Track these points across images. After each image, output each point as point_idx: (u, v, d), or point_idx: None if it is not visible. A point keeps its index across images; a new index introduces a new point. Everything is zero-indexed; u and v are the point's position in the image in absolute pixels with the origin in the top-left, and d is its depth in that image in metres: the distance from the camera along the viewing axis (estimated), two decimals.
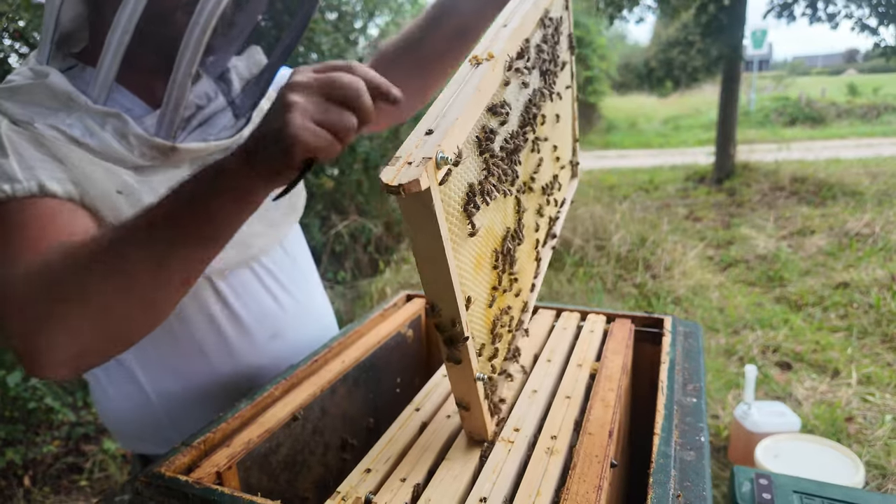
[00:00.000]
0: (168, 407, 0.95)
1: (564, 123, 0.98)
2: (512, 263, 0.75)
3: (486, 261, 0.69)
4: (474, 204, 0.61)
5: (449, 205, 0.57)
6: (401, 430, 0.76)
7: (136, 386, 0.93)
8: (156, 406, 0.94)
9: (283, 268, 1.02)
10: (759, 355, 3.24)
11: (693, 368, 0.93)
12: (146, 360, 0.93)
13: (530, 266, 0.87)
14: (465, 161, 0.59)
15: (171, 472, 0.69)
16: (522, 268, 0.82)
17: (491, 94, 0.65)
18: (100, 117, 0.79)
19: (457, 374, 0.66)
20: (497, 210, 0.70)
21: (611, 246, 4.64)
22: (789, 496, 1.06)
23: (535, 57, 0.79)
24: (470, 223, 0.61)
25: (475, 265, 0.66)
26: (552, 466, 0.67)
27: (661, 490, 0.63)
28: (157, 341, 0.89)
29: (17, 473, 2.34)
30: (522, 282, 0.82)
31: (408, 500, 0.63)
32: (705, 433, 0.77)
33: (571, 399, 0.82)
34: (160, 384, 0.94)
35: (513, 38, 0.71)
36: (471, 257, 0.64)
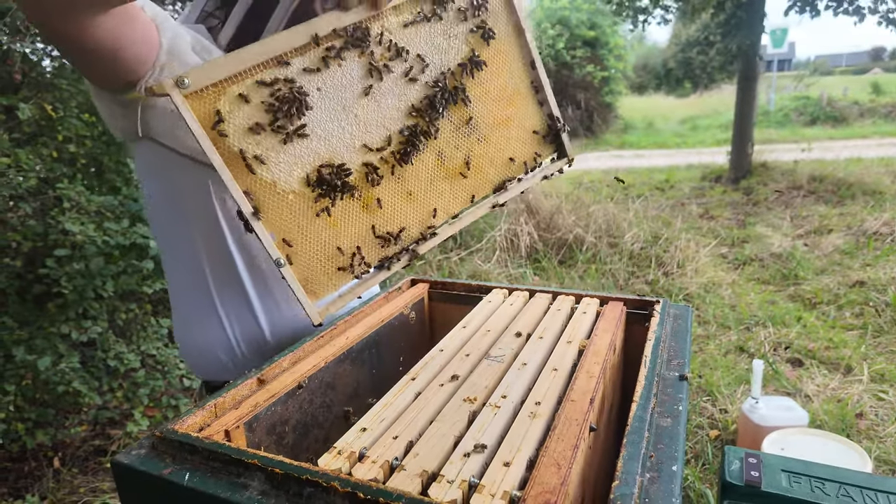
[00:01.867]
0: (243, 341, 1.09)
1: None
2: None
3: None
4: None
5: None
6: (396, 397, 0.82)
7: (217, 319, 1.07)
8: (232, 340, 1.08)
9: None
10: (770, 352, 3.24)
11: (679, 346, 0.97)
12: (224, 293, 1.07)
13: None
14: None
15: (184, 429, 0.75)
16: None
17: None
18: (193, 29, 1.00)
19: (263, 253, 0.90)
20: None
21: (623, 243, 4.66)
22: (777, 474, 1.09)
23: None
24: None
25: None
26: (534, 428, 0.72)
27: (633, 449, 0.68)
28: (232, 272, 1.06)
29: (47, 455, 2.45)
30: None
31: (398, 455, 0.68)
32: (684, 403, 0.81)
33: (558, 371, 0.86)
34: (237, 318, 1.08)
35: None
36: None
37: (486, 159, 1.02)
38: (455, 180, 1.00)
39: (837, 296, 3.91)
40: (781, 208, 6.18)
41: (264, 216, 0.82)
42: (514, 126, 1.04)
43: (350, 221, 0.90)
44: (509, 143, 1.04)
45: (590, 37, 14.17)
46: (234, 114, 0.80)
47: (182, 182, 1.02)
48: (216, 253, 1.05)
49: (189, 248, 1.05)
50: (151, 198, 1.07)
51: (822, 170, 7.09)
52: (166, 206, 1.05)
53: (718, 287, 4.15)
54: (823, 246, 4.84)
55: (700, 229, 5.56)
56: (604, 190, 5.82)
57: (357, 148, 0.89)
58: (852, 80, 20.23)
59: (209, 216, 1.03)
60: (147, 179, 1.07)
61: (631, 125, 15.37)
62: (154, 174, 1.04)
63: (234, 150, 0.80)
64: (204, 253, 1.05)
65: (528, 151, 1.07)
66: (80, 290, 2.34)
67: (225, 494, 0.65)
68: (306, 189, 0.85)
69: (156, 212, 1.08)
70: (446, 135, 0.97)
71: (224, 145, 0.79)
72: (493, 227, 5.04)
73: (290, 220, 0.85)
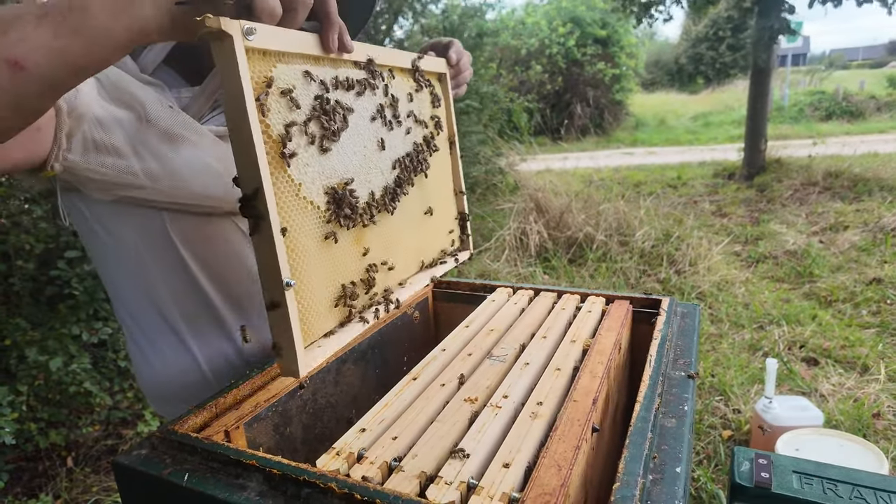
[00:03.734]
0: (214, 368, 1.02)
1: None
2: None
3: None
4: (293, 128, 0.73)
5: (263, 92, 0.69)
6: (397, 397, 0.81)
7: (184, 350, 1.00)
8: (203, 369, 1.01)
9: None
10: (784, 351, 3.19)
11: (686, 345, 0.95)
12: (194, 324, 1.00)
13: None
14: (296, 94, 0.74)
15: (184, 430, 0.75)
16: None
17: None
18: (144, 84, 0.88)
19: (265, 264, 0.68)
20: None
21: (634, 241, 4.61)
22: (788, 475, 1.07)
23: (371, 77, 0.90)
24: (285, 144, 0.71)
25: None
26: (535, 428, 0.71)
27: (635, 450, 0.66)
28: (204, 304, 0.98)
29: (60, 454, 2.48)
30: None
31: (397, 455, 0.68)
32: (690, 403, 0.79)
33: (561, 371, 0.85)
34: (207, 347, 1.01)
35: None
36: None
37: (433, 230, 1.12)
38: (413, 244, 1.04)
39: (853, 293, 3.84)
40: (796, 205, 6.09)
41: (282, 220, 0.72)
42: (449, 207, 1.20)
43: (349, 255, 0.85)
44: (446, 220, 1.18)
45: (601, 35, 14.08)
46: (284, 95, 0.72)
47: (130, 231, 0.93)
48: (182, 291, 0.97)
49: (150, 290, 0.97)
50: (100, 249, 0.97)
51: (838, 165, 6.98)
52: (115, 256, 0.96)
53: (731, 285, 4.10)
54: (839, 243, 4.76)
55: (713, 227, 5.49)
56: (614, 188, 5.77)
57: (361, 181, 0.88)
58: (869, 74, 19.90)
59: (172, 261, 0.95)
60: (89, 238, 0.97)
61: (642, 122, 15.25)
62: (92, 229, 0.94)
63: (275, 132, 0.70)
64: (168, 294, 0.97)
65: (453, 235, 1.23)
66: (91, 292, 2.37)
67: (223, 495, 0.64)
68: (322, 204, 0.78)
69: (104, 262, 0.99)
70: (412, 198, 1.03)
71: (265, 123, 0.68)
72: (502, 225, 5.03)
73: (299, 234, 0.74)
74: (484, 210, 5.60)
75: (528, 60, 13.14)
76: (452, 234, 1.22)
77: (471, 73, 1.22)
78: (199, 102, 0.92)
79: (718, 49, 20.81)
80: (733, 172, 7.85)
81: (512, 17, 14.34)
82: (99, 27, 0.58)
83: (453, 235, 1.23)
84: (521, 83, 12.14)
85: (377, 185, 0.91)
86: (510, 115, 7.24)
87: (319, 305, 0.78)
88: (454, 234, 1.23)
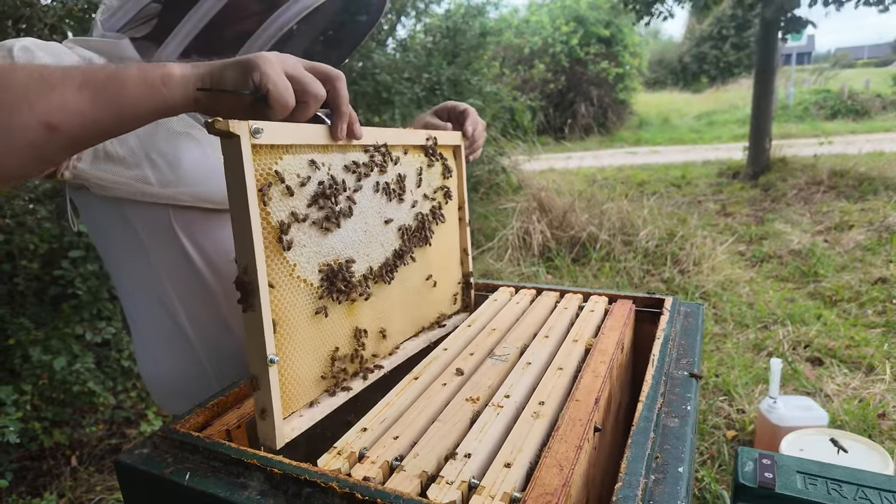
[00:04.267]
0: (214, 361, 1.02)
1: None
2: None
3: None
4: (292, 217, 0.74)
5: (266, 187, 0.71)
6: (398, 396, 0.81)
7: (185, 342, 1.01)
8: (203, 362, 1.02)
9: None
10: (789, 351, 3.17)
11: (689, 344, 0.95)
12: (196, 317, 1.00)
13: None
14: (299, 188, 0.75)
15: (186, 429, 0.75)
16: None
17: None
18: None
19: (251, 338, 0.70)
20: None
21: (638, 241, 4.60)
22: (792, 476, 1.06)
23: (377, 162, 0.91)
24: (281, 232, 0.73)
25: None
26: (537, 428, 0.71)
27: (638, 450, 0.66)
28: (207, 297, 0.98)
29: (64, 454, 2.49)
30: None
31: (398, 455, 0.67)
32: (692, 403, 0.79)
33: (563, 370, 0.85)
34: (208, 340, 1.01)
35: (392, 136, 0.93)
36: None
37: (434, 295, 1.10)
38: (410, 309, 1.03)
39: (859, 293, 3.82)
40: (801, 204, 6.06)
41: (272, 299, 0.73)
42: (452, 271, 1.17)
43: (339, 327, 0.85)
44: (448, 285, 1.15)
45: (604, 34, 14.05)
46: (285, 183, 0.74)
47: (136, 225, 0.94)
48: (186, 286, 0.98)
49: (155, 284, 0.98)
50: (105, 242, 0.99)
51: (843, 164, 6.94)
52: (120, 249, 0.98)
53: (736, 285, 4.08)
54: (844, 242, 4.73)
55: (717, 226, 5.47)
56: (618, 187, 5.75)
57: (360, 256, 0.88)
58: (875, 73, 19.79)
59: (176, 254, 0.96)
60: (96, 233, 1.00)
61: (646, 121, 15.20)
62: (98, 223, 0.97)
63: (275, 220, 0.72)
64: (172, 288, 0.98)
65: (456, 297, 1.19)
66: (94, 292, 2.38)
67: (224, 494, 0.64)
68: (316, 281, 0.79)
69: (109, 255, 1.00)
70: (412, 266, 1.02)
71: (265, 211, 0.71)
72: (505, 225, 5.02)
73: (289, 311, 0.75)
74: (487, 209, 5.60)
75: (532, 59, 13.12)
76: (454, 297, 1.18)
77: (484, 139, 1.22)
78: None
79: (722, 48, 20.74)
80: (737, 171, 7.82)
81: (515, 15, 14.32)
82: (132, 103, 0.63)
83: (455, 297, 1.19)
84: (525, 82, 12.12)
85: (376, 259, 0.91)
86: (513, 115, 7.23)
87: (304, 378, 0.78)
88: (457, 296, 1.19)
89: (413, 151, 1.00)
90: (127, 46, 0.88)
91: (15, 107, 0.58)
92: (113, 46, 0.87)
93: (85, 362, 2.31)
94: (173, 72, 0.65)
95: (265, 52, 0.68)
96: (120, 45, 0.88)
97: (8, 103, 0.58)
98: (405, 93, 4.66)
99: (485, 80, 6.15)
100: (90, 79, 0.61)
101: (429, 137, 1.04)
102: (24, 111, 0.58)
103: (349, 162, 0.84)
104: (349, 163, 0.84)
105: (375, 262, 0.91)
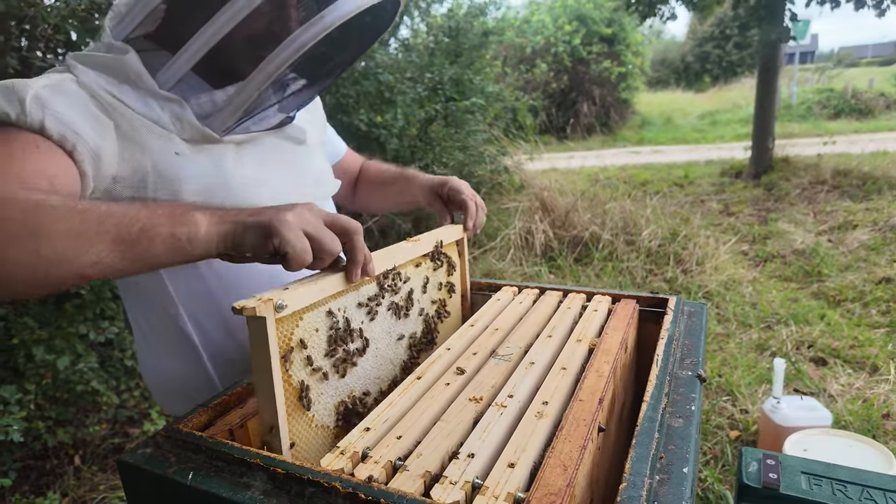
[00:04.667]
0: (216, 363, 1.02)
1: None
2: None
3: None
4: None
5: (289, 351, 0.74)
6: (401, 396, 0.81)
7: (187, 344, 1.01)
8: (205, 363, 1.02)
9: None
10: (792, 351, 3.16)
11: (693, 344, 0.94)
12: (198, 319, 1.00)
13: None
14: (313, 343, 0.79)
15: (189, 428, 0.75)
16: None
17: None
18: (162, 100, 0.88)
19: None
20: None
21: (641, 241, 4.59)
22: (796, 476, 1.05)
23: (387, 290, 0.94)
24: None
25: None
26: (541, 428, 0.70)
27: (642, 450, 0.66)
28: (210, 298, 0.98)
29: (67, 453, 2.50)
30: None
31: (401, 455, 0.67)
32: (697, 403, 0.78)
33: (567, 370, 0.85)
34: (210, 342, 1.01)
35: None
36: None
37: None
38: None
39: (863, 293, 3.80)
40: (804, 204, 6.04)
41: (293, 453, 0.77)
42: None
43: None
44: None
45: (607, 33, 14.03)
46: (305, 343, 0.77)
47: None
48: (189, 289, 0.98)
49: (160, 286, 0.98)
50: None
51: (847, 164, 6.91)
52: None
53: (739, 284, 4.07)
54: (848, 242, 4.72)
55: (720, 226, 5.46)
56: (620, 187, 5.74)
57: (373, 384, 0.90)
58: (878, 72, 19.72)
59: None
60: None
61: (649, 121, 15.17)
62: None
63: (296, 381, 0.76)
64: (174, 292, 0.98)
65: None
66: (98, 291, 2.38)
67: (227, 494, 0.64)
68: (332, 423, 0.83)
69: None
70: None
71: (287, 374, 0.74)
72: (507, 224, 5.01)
73: (307, 448, 0.79)
74: (489, 209, 5.59)
75: (534, 59, 13.11)
76: None
77: (485, 214, 1.23)
78: (223, 115, 0.90)
79: (725, 47, 20.70)
80: (741, 171, 7.80)
81: (516, 15, 14.31)
82: (158, 259, 0.68)
83: None
84: (527, 82, 12.11)
85: (387, 377, 0.94)
86: (515, 114, 7.22)
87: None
88: None
89: (421, 261, 1.04)
90: (133, 61, 0.86)
91: (55, 262, 0.63)
92: (118, 64, 0.86)
93: (88, 362, 2.32)
94: (199, 232, 0.68)
95: (286, 213, 0.69)
96: (126, 61, 0.86)
97: (47, 258, 0.63)
98: (407, 92, 4.66)
99: (487, 80, 6.14)
100: (123, 234, 0.65)
101: (436, 245, 1.08)
102: (64, 267, 0.64)
103: (363, 299, 0.88)
104: (363, 300, 0.88)
105: (386, 381, 0.94)
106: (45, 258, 0.62)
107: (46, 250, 0.62)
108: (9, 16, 2.21)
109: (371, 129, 4.32)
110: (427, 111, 4.91)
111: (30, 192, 0.68)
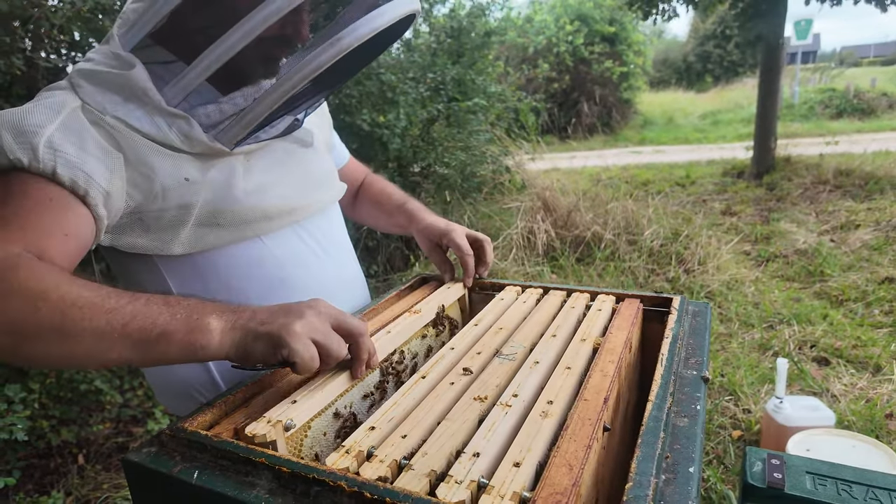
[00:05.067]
0: (220, 362, 1.00)
1: None
2: None
3: None
4: None
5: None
6: (405, 395, 0.81)
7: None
8: (209, 363, 1.00)
9: (323, 233, 1.10)
10: (795, 350, 3.16)
11: (697, 344, 0.94)
12: None
13: None
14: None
15: (194, 427, 0.75)
16: None
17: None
18: (169, 117, 0.86)
19: None
20: None
21: (643, 240, 4.59)
22: (801, 476, 1.05)
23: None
24: None
25: None
26: (546, 427, 0.70)
27: (648, 450, 0.66)
28: (212, 298, 0.97)
29: (71, 452, 2.50)
30: None
31: (406, 454, 0.67)
32: (702, 403, 0.78)
33: (571, 370, 0.85)
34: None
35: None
36: None
37: None
38: None
39: (865, 293, 3.80)
40: (806, 203, 6.03)
41: None
42: None
43: None
44: None
45: (609, 32, 14.02)
46: (319, 457, 0.79)
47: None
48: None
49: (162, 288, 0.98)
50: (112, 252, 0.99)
51: (849, 163, 6.90)
52: (131, 259, 0.98)
53: (741, 284, 4.06)
54: (850, 242, 4.71)
55: (722, 226, 5.45)
56: (622, 186, 5.74)
57: None
58: (881, 72, 19.68)
59: (183, 261, 0.96)
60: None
61: (650, 121, 15.16)
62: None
63: None
64: (176, 294, 0.97)
65: None
66: None
67: (233, 493, 0.64)
68: None
69: (118, 261, 1.01)
70: None
71: None
72: (509, 224, 5.01)
73: None
74: (491, 209, 5.59)
75: (536, 59, 13.10)
76: None
77: (492, 258, 1.25)
78: (235, 130, 0.89)
79: (727, 47, 20.68)
80: (742, 171, 7.79)
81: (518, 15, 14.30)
82: (171, 360, 0.71)
83: None
84: (529, 81, 12.10)
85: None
86: (517, 114, 7.21)
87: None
88: None
89: (425, 331, 1.04)
90: (140, 77, 0.85)
91: (80, 357, 0.70)
92: (125, 80, 0.85)
93: None
94: (212, 342, 0.71)
95: (294, 322, 0.71)
96: (132, 77, 0.84)
97: (73, 355, 0.69)
98: (410, 92, 4.65)
99: (489, 80, 6.14)
100: (145, 337, 0.69)
101: (438, 311, 1.09)
102: (87, 361, 0.71)
103: (369, 390, 0.89)
104: (368, 391, 0.89)
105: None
106: (71, 355, 0.69)
107: (74, 349, 0.69)
108: (13, 16, 2.22)
109: (374, 129, 4.33)
110: (429, 111, 4.91)
111: (52, 259, 0.76)
